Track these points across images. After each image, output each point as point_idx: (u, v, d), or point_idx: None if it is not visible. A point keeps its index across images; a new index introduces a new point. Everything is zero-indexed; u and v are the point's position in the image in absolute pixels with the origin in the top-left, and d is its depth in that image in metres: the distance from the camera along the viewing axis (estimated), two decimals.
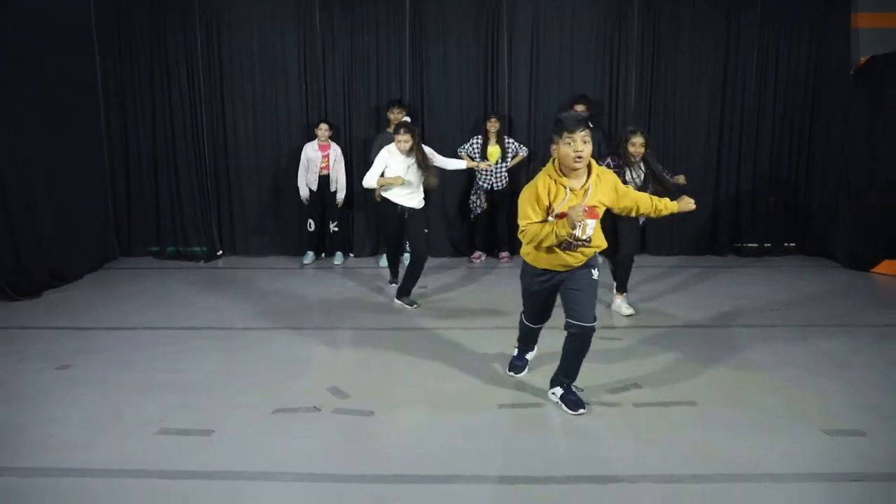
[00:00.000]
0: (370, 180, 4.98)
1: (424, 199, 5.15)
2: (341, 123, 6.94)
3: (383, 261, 6.53)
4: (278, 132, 6.97)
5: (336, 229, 6.83)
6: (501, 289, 5.72)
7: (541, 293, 3.30)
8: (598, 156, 6.38)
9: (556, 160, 3.01)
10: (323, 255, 7.04)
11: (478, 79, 6.94)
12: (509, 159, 6.70)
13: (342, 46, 6.84)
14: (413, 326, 4.70)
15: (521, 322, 3.60)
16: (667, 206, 3.30)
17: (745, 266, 6.60)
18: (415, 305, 5.12)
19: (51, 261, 5.84)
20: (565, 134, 2.90)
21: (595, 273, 3.16)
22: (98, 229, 6.76)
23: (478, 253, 6.92)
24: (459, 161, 5.50)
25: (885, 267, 6.21)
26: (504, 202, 6.73)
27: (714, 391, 3.49)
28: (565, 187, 2.98)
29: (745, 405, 3.31)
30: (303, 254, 6.90)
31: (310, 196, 6.68)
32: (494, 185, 6.71)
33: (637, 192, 3.30)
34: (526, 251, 3.20)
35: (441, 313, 4.99)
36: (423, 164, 4.98)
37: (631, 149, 4.66)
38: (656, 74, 6.90)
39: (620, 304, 4.97)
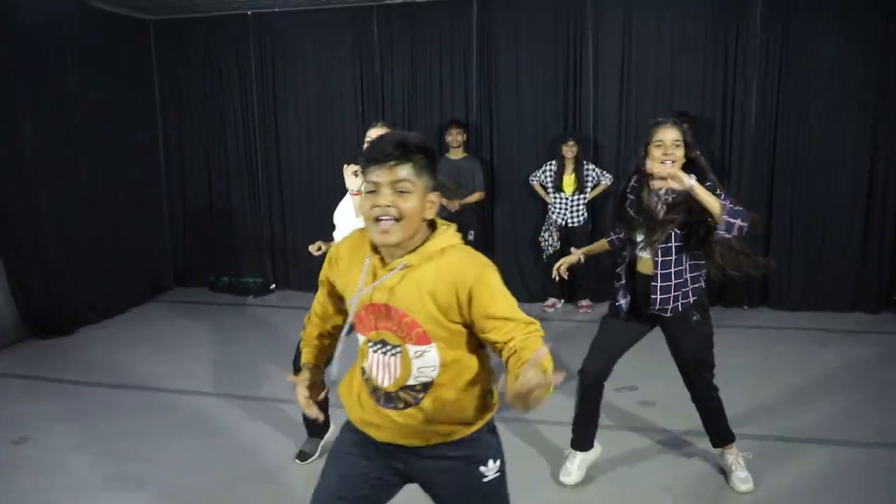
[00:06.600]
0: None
1: None
2: None
3: None
4: (332, 160, 6.31)
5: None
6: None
7: None
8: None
9: None
10: None
11: (556, 92, 5.87)
12: (588, 190, 5.59)
13: (402, 61, 6.08)
14: None
15: None
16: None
17: None
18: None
19: (90, 294, 5.60)
20: None
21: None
22: (152, 259, 6.52)
23: (552, 300, 5.87)
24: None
25: None
26: (581, 241, 5.61)
27: None
28: None
29: None
30: None
31: None
32: (569, 220, 5.61)
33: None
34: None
35: None
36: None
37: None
38: (784, 87, 5.44)
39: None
